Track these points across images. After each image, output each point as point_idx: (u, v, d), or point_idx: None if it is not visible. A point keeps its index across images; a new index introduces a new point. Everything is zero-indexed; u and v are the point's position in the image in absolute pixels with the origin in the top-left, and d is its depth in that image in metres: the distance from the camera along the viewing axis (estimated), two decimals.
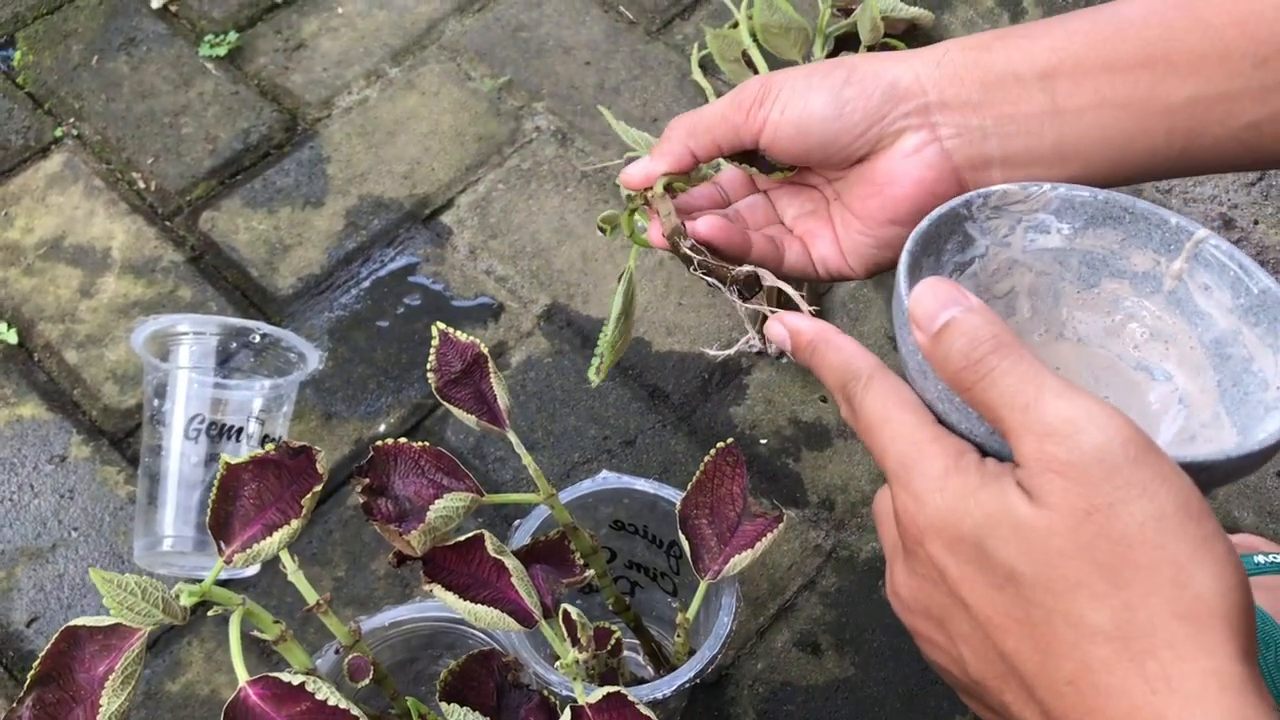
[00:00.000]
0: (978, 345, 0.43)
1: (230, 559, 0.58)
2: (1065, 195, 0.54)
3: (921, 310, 0.44)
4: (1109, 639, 0.39)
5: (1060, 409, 0.40)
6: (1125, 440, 0.39)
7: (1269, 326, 0.51)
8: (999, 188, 0.54)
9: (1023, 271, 0.56)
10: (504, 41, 1.20)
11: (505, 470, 0.94)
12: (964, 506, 0.42)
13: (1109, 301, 0.56)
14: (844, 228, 0.61)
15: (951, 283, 0.45)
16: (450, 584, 0.61)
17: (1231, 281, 0.52)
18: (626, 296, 0.65)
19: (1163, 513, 0.39)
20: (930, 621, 0.46)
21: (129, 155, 1.12)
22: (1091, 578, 0.39)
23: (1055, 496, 0.40)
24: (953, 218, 0.54)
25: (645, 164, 0.61)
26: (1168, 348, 0.55)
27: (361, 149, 1.12)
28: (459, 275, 1.05)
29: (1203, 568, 0.38)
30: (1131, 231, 0.54)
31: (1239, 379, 0.52)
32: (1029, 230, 0.55)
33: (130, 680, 0.56)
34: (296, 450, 0.57)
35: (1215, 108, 0.54)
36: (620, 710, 0.56)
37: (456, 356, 0.65)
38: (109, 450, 0.95)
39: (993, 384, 0.42)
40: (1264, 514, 0.91)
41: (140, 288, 1.03)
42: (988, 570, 0.42)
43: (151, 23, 1.21)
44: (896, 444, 0.45)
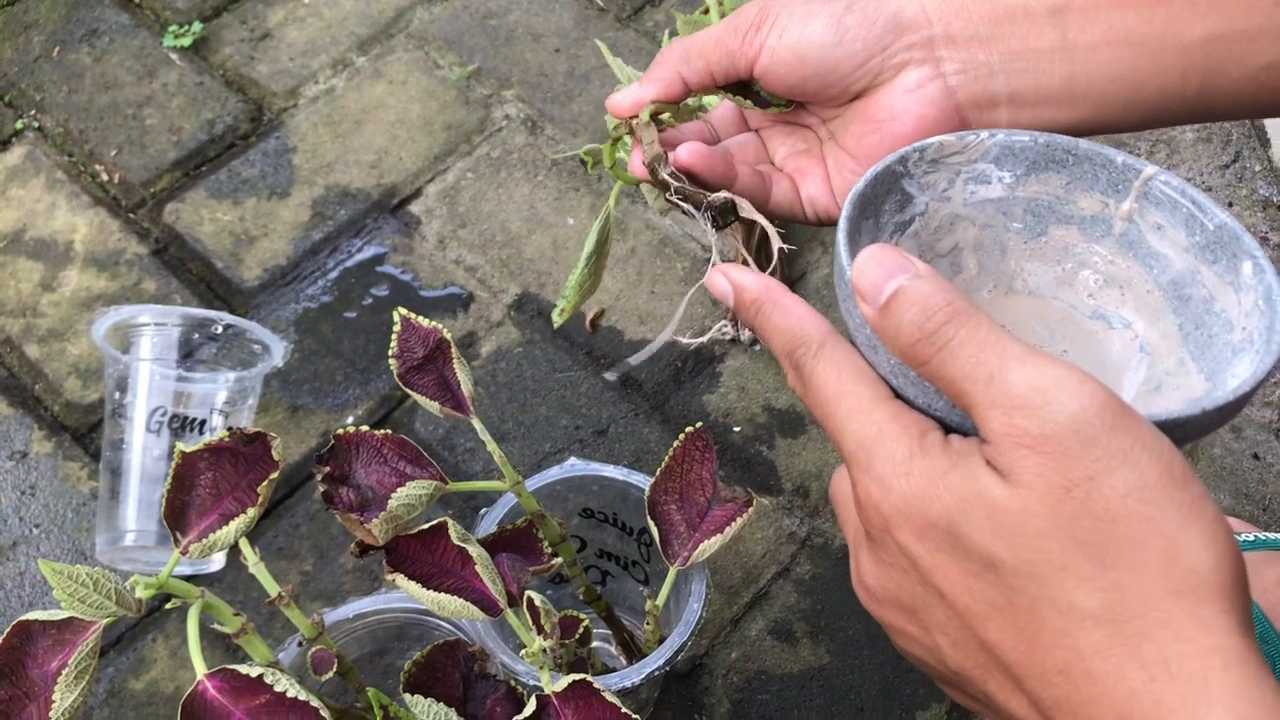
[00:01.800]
0: (930, 315, 0.40)
1: (186, 550, 0.57)
2: (1004, 141, 0.52)
3: (866, 281, 0.41)
4: (1100, 623, 0.36)
5: (1027, 378, 0.37)
6: (1101, 407, 0.37)
7: (1228, 263, 0.48)
8: (934, 139, 0.51)
9: (966, 226, 0.53)
10: (472, 29, 1.19)
11: (475, 461, 0.93)
12: (933, 491, 0.39)
13: (1058, 249, 0.53)
14: (837, 167, 0.58)
15: (896, 249, 0.42)
16: (414, 573, 0.60)
17: (1185, 219, 0.50)
18: (600, 235, 0.62)
19: (1146, 481, 0.36)
20: (902, 613, 0.43)
21: (91, 147, 1.10)
22: (1076, 558, 0.36)
23: (1030, 474, 0.37)
24: (889, 176, 0.51)
25: (634, 90, 0.58)
26: (1123, 293, 0.52)
27: (328, 139, 1.11)
28: (428, 265, 1.03)
29: (1193, 537, 0.36)
30: (1076, 174, 0.52)
31: (1201, 321, 0.50)
32: (969, 182, 0.53)
33: (84, 675, 0.54)
34: (251, 437, 0.55)
35: (1233, 47, 0.51)
36: (586, 698, 0.55)
37: (419, 342, 0.64)
38: (71, 446, 0.93)
39: (951, 356, 0.39)
40: (1240, 495, 0.91)
41: (103, 281, 1.02)
42: (963, 557, 0.39)
43: (114, 13, 1.20)
44: (853, 422, 0.42)
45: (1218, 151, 1.10)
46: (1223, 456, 0.92)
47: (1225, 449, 0.93)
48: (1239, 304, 0.48)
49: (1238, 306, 0.48)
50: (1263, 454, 0.93)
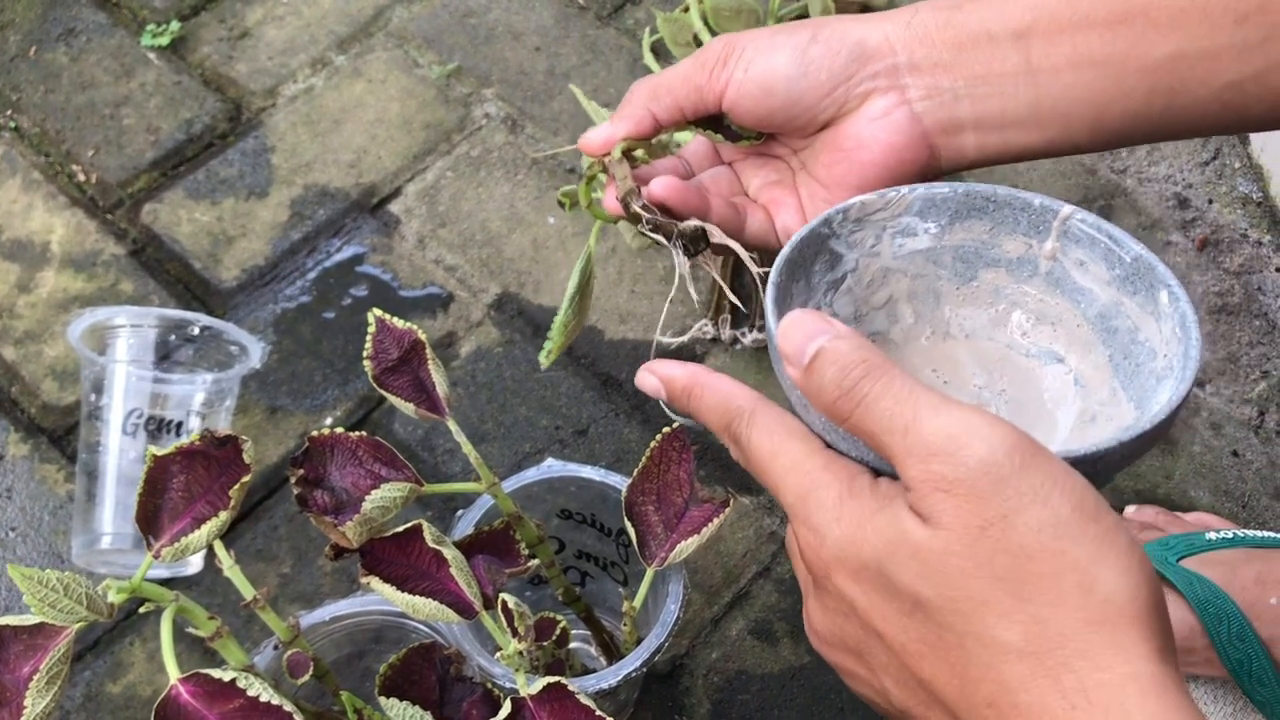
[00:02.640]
0: (848, 372, 0.41)
1: (159, 554, 0.56)
2: (925, 195, 0.53)
3: (789, 345, 0.43)
4: (1022, 655, 0.38)
5: (940, 425, 0.39)
6: (1010, 448, 0.38)
7: (1147, 294, 0.50)
8: (855, 200, 0.53)
9: (898, 277, 0.55)
10: (452, 28, 1.19)
11: (455, 462, 0.92)
12: (861, 534, 0.41)
13: (989, 292, 0.55)
14: (810, 197, 0.59)
15: (815, 313, 0.44)
16: (389, 576, 0.59)
17: (1104, 253, 0.51)
18: (583, 276, 0.63)
19: (1058, 517, 0.38)
20: (849, 655, 0.45)
21: (68, 147, 1.10)
22: (996, 594, 0.38)
23: (948, 516, 0.39)
24: (814, 239, 0.52)
25: (605, 128, 0.59)
26: (1055, 329, 0.54)
27: (307, 138, 1.10)
28: (407, 265, 1.03)
29: (1107, 567, 0.37)
30: (998, 219, 0.53)
31: (1129, 351, 0.51)
32: (895, 236, 0.54)
33: (56, 680, 0.54)
34: (223, 440, 0.55)
35: (1196, 66, 0.52)
36: (561, 700, 0.55)
37: (394, 344, 0.64)
38: (48, 448, 0.92)
39: (869, 410, 0.41)
40: (1220, 493, 0.91)
41: (80, 282, 1.01)
42: (894, 597, 0.41)
43: (91, 13, 1.19)
44: (789, 477, 0.44)
45: (1197, 149, 1.10)
46: (1202, 454, 0.93)
47: (1205, 446, 0.93)
48: (1160, 332, 0.50)
49: (1159, 335, 0.50)
50: (1242, 451, 0.93)
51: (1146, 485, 0.91)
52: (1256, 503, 0.90)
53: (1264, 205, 1.06)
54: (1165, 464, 0.92)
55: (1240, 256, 1.03)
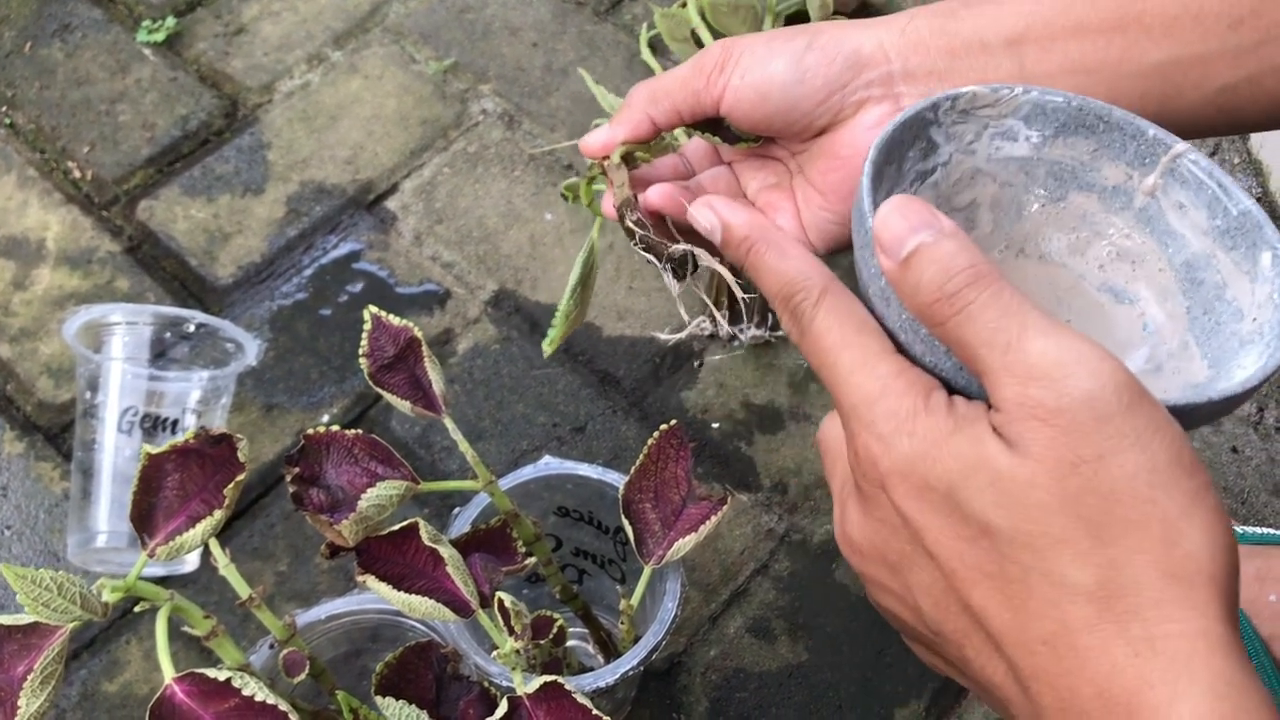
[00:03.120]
0: (952, 276, 0.39)
1: (154, 552, 0.56)
2: (1038, 100, 0.51)
3: (889, 233, 0.41)
4: (1091, 598, 0.37)
5: (1046, 350, 0.37)
6: (1118, 385, 0.37)
7: (1246, 251, 0.47)
8: (968, 89, 0.50)
9: (986, 182, 0.52)
10: (449, 23, 1.18)
11: (452, 459, 0.92)
12: (935, 453, 0.39)
13: (1075, 217, 0.52)
14: (805, 202, 0.59)
15: (922, 202, 0.41)
16: (385, 574, 0.59)
17: (1209, 200, 0.49)
18: (586, 267, 0.63)
19: (1155, 465, 0.36)
20: (885, 568, 0.43)
21: (64, 144, 1.09)
22: (1076, 534, 0.37)
23: (1039, 446, 0.37)
24: (918, 122, 0.50)
25: (605, 131, 0.59)
26: (1135, 269, 0.51)
27: (303, 134, 1.10)
28: (404, 262, 1.03)
29: (1194, 524, 0.36)
30: (1105, 141, 0.51)
31: (1210, 306, 0.49)
32: (996, 137, 0.52)
33: (50, 680, 0.54)
34: (217, 438, 0.55)
35: (1189, 71, 0.52)
36: (558, 699, 0.55)
37: (389, 341, 0.63)
38: (44, 446, 0.92)
39: (969, 319, 0.39)
40: (1219, 489, 0.91)
41: (76, 279, 1.01)
42: (959, 521, 0.39)
43: (87, 8, 1.19)
44: (855, 375, 0.42)
45: (1197, 145, 1.10)
46: (1201, 450, 0.92)
47: (1204, 443, 0.93)
48: (1253, 294, 0.47)
49: (1251, 296, 0.47)
50: (1241, 447, 0.92)
51: None
52: (1256, 499, 0.90)
53: (1263, 201, 1.06)
54: None
55: None
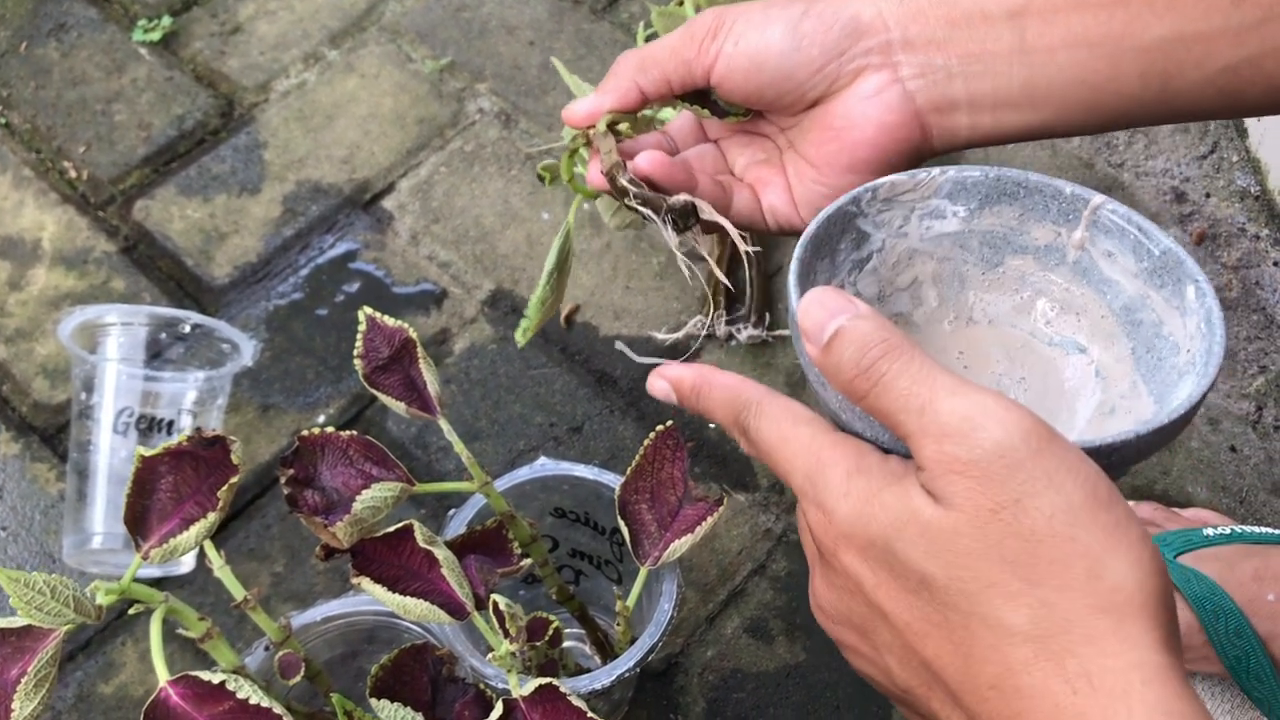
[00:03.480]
0: (866, 352, 0.42)
1: (148, 555, 0.56)
2: (955, 177, 0.53)
3: (810, 321, 0.43)
4: (1027, 638, 0.38)
5: (956, 407, 0.39)
6: (1025, 433, 0.38)
7: (1173, 288, 0.50)
8: (886, 180, 0.52)
9: (924, 260, 0.54)
10: (445, 22, 1.18)
11: (449, 459, 0.92)
12: (869, 510, 0.41)
13: (1015, 279, 0.55)
14: (797, 176, 0.58)
15: (838, 291, 0.44)
16: (380, 576, 0.59)
17: (1133, 245, 0.51)
18: (561, 253, 0.62)
19: (1071, 504, 0.38)
20: (854, 632, 0.45)
21: (59, 144, 1.09)
22: (1004, 576, 0.38)
23: (960, 497, 0.39)
24: (841, 217, 0.52)
25: (591, 99, 0.58)
26: (1079, 319, 0.54)
27: (299, 134, 1.10)
28: (400, 261, 1.02)
29: (1117, 556, 0.37)
30: (1028, 205, 0.53)
31: (1152, 345, 0.51)
32: (924, 217, 0.54)
33: (44, 683, 0.53)
34: (211, 440, 0.54)
35: (1192, 48, 0.52)
36: (553, 701, 0.55)
37: (384, 342, 0.63)
38: (39, 447, 0.92)
39: (885, 390, 0.41)
40: (1217, 489, 0.90)
41: (72, 279, 1.01)
42: (900, 575, 0.41)
43: (82, 8, 1.18)
44: (798, 459, 0.45)
45: (1195, 142, 1.10)
46: (1200, 449, 0.92)
47: (1203, 442, 0.93)
48: (1184, 327, 0.49)
49: (1183, 329, 0.49)
50: (1239, 446, 0.92)
51: (1144, 481, 0.91)
52: (1254, 498, 0.90)
53: (1262, 199, 1.06)
54: (1163, 460, 0.92)
55: (1238, 251, 1.03)
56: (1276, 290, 1.00)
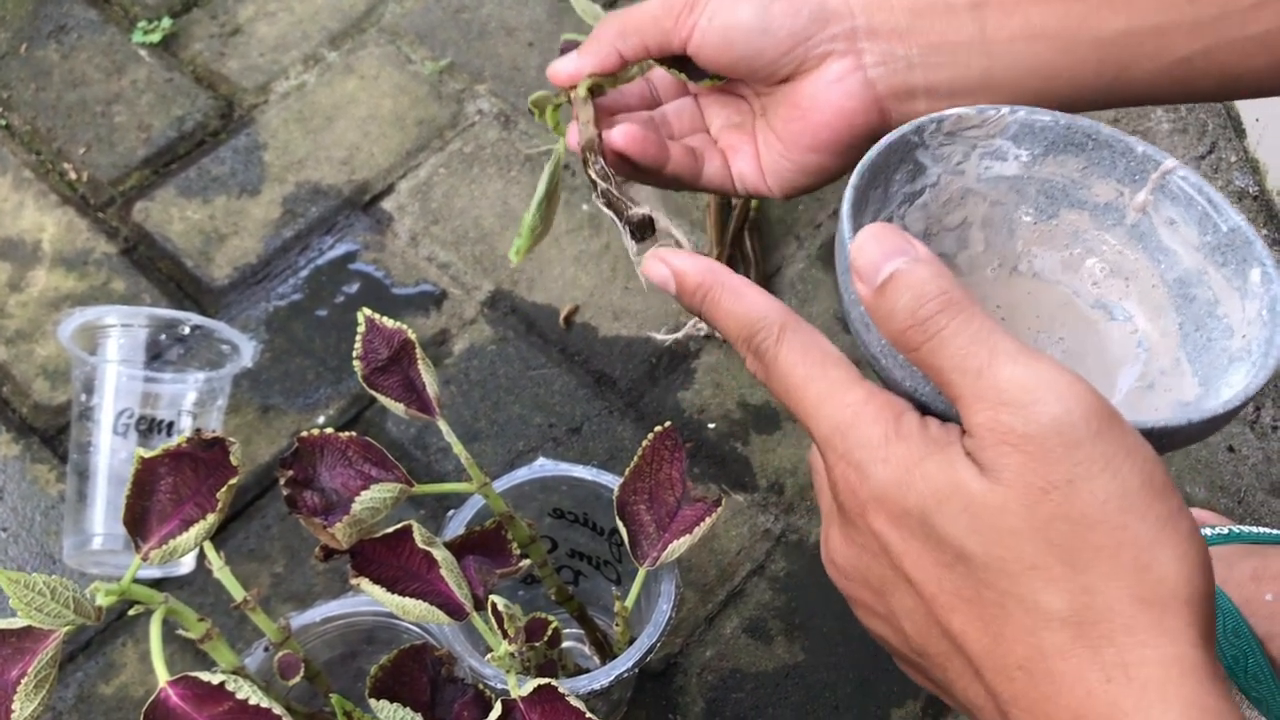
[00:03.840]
0: (924, 302, 0.39)
1: (147, 556, 0.56)
2: (1025, 119, 0.51)
3: (864, 260, 0.41)
4: (1065, 623, 0.37)
5: (1016, 375, 0.37)
6: (1087, 411, 0.37)
7: (1237, 268, 0.47)
8: (953, 111, 0.50)
9: (977, 201, 0.52)
10: (445, 23, 1.18)
11: (448, 460, 0.92)
12: (909, 479, 0.39)
13: (1067, 234, 0.52)
14: (766, 146, 0.59)
15: (897, 229, 0.41)
16: (379, 577, 0.59)
17: (1199, 216, 0.49)
18: (551, 181, 0.64)
19: (1126, 490, 0.36)
20: (869, 591, 0.43)
21: (59, 145, 1.09)
22: (1048, 560, 0.37)
23: (1010, 472, 0.37)
24: (903, 145, 0.50)
25: (572, 60, 0.59)
26: (1128, 285, 0.51)
27: (299, 135, 1.10)
28: (400, 262, 1.03)
29: (1167, 549, 0.36)
30: (1094, 159, 0.51)
31: (1202, 323, 0.49)
32: (984, 157, 0.52)
33: (44, 684, 0.54)
34: (210, 442, 0.55)
35: (1147, 41, 0.53)
36: (552, 702, 0.55)
37: (383, 343, 0.63)
38: (40, 448, 0.92)
39: (941, 345, 0.39)
40: (1215, 488, 0.91)
41: (72, 281, 1.01)
42: (935, 547, 0.39)
43: (82, 9, 1.18)
44: (825, 407, 0.42)
45: (1193, 142, 1.10)
46: (1198, 449, 0.92)
47: (1201, 442, 0.93)
48: (1243, 310, 0.47)
49: (1241, 313, 0.47)
50: (1238, 446, 0.92)
51: None
52: (1252, 498, 0.90)
53: (1260, 199, 1.06)
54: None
55: None
56: None
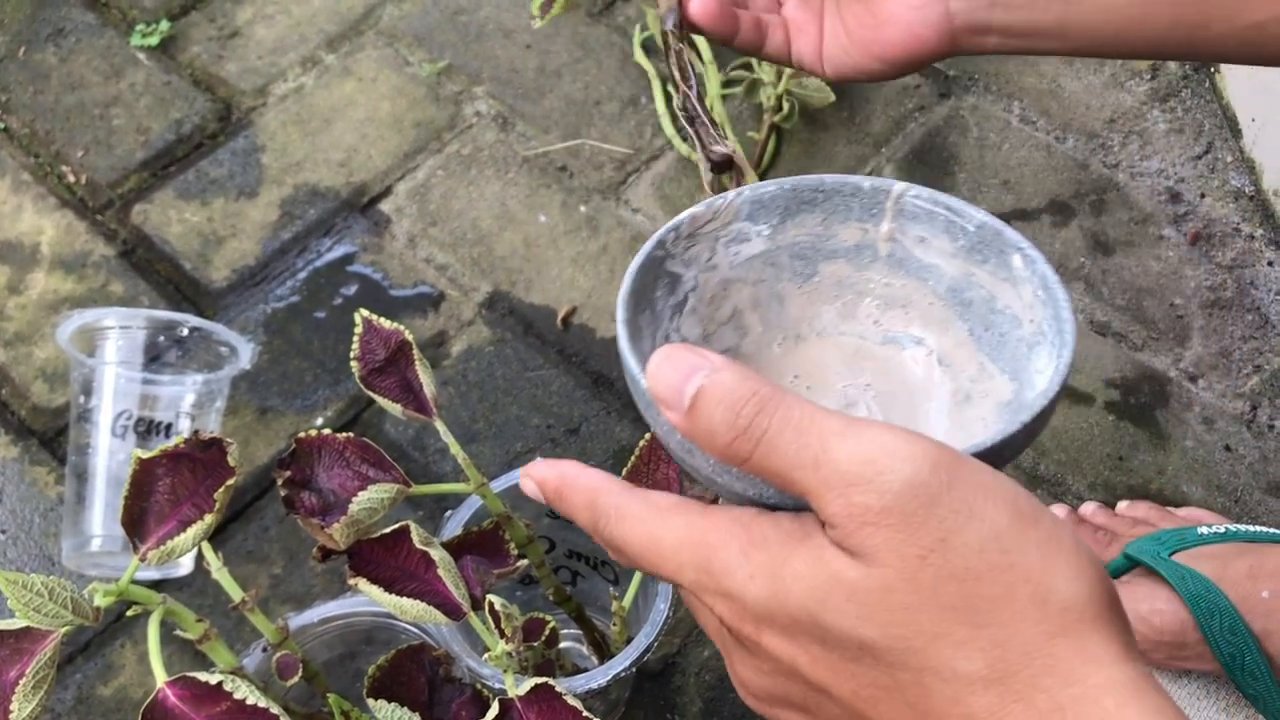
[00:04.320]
0: (739, 410, 0.37)
1: (145, 557, 0.56)
2: (751, 197, 0.52)
3: (665, 387, 0.39)
4: (988, 683, 0.35)
5: (853, 452, 0.36)
6: (934, 464, 0.35)
7: (998, 260, 0.48)
8: (685, 215, 0.51)
9: (740, 287, 0.53)
10: (443, 25, 1.18)
11: (446, 462, 0.92)
12: (782, 585, 0.38)
13: (833, 286, 0.53)
14: (832, 35, 0.62)
15: (685, 347, 0.39)
16: (376, 577, 0.59)
17: (944, 226, 0.50)
18: None
19: (998, 530, 0.35)
20: (794, 709, 0.41)
21: (58, 148, 1.09)
22: (949, 625, 0.35)
23: (882, 550, 0.35)
24: (651, 264, 0.50)
25: None
26: (907, 312, 0.52)
27: (297, 137, 1.10)
28: (398, 264, 1.03)
29: (1058, 573, 0.35)
30: (829, 209, 0.52)
31: (989, 322, 0.49)
32: (729, 244, 0.52)
33: (42, 685, 0.54)
34: (207, 443, 0.55)
35: (1225, 4, 0.54)
36: (549, 701, 0.55)
37: (380, 344, 0.63)
38: (38, 450, 0.92)
39: (771, 448, 0.37)
40: (1212, 488, 0.91)
41: (71, 283, 1.01)
42: (835, 646, 0.37)
43: (80, 13, 1.19)
44: (681, 554, 0.40)
45: (1190, 143, 1.10)
46: (1194, 449, 0.92)
47: (1197, 441, 0.93)
48: (1019, 297, 0.48)
49: (1019, 300, 0.48)
50: (1234, 445, 0.93)
51: (1139, 481, 0.91)
52: (1249, 497, 0.90)
53: (1256, 199, 1.06)
54: (1158, 459, 0.92)
55: (1232, 250, 1.03)
56: (1271, 290, 1.01)
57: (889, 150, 1.09)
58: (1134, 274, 1.02)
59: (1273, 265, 1.02)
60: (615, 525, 0.42)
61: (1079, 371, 0.96)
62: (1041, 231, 1.04)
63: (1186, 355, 0.97)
